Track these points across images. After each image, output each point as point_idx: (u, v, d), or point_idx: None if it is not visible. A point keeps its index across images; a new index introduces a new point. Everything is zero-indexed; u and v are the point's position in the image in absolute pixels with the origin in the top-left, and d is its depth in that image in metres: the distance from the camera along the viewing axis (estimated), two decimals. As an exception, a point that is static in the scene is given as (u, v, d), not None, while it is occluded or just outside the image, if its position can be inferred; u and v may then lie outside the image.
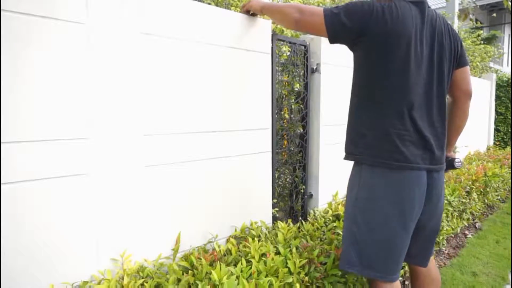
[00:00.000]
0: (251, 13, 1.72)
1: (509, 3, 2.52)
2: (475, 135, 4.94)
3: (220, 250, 1.54)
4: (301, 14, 1.25)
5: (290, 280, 1.33)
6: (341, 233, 1.80)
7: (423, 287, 1.42)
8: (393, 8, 1.13)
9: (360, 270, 1.23)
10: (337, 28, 1.17)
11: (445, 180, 2.95)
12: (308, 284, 1.41)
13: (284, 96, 2.22)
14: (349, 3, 1.18)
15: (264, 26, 1.85)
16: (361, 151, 1.22)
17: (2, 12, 1.05)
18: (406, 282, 2.06)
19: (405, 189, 1.17)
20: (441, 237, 2.50)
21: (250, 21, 1.77)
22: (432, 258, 1.42)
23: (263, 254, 1.47)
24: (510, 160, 4.30)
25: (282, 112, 2.17)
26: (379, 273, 1.20)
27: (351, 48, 1.27)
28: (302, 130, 2.28)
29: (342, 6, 1.18)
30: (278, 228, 1.78)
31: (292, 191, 2.29)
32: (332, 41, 1.22)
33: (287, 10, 1.30)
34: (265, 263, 1.39)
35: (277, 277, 1.34)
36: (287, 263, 1.42)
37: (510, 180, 4.00)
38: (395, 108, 1.15)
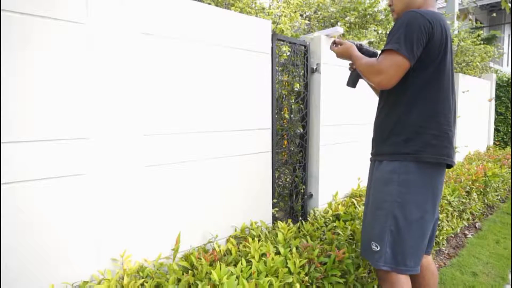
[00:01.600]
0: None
1: (508, 4, 2.52)
2: (475, 135, 4.94)
3: (220, 250, 1.54)
4: (381, 75, 1.21)
5: (290, 280, 1.33)
6: (341, 233, 1.80)
7: (423, 279, 1.44)
8: (437, 14, 1.23)
9: (394, 267, 1.24)
10: (413, 48, 1.17)
11: (445, 180, 2.96)
12: (308, 284, 1.41)
13: (284, 96, 2.22)
14: (404, 30, 1.18)
15: (264, 26, 1.85)
16: (418, 149, 1.23)
17: (2, 12, 1.05)
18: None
19: (440, 185, 1.27)
20: (441, 237, 2.50)
21: (250, 21, 1.77)
22: (430, 255, 1.46)
23: (263, 254, 1.47)
24: (510, 160, 4.30)
25: (282, 112, 2.17)
26: (409, 267, 1.24)
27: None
28: (302, 130, 2.28)
29: (393, 35, 1.20)
30: (278, 228, 1.78)
31: (292, 191, 2.29)
32: (413, 61, 1.20)
33: (366, 76, 1.29)
34: (265, 263, 1.39)
35: (277, 277, 1.34)
36: (287, 263, 1.42)
37: (510, 180, 3.99)
38: (447, 108, 1.25)
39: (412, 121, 1.25)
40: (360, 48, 1.47)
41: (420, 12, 1.18)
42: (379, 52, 1.45)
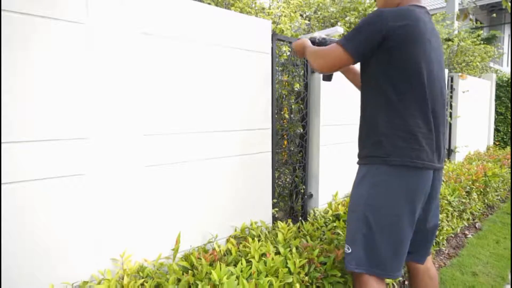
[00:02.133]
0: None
1: (509, 3, 2.52)
2: (475, 135, 4.94)
3: (220, 250, 1.54)
4: (319, 59, 1.35)
5: (290, 280, 1.33)
6: (341, 233, 1.80)
7: (422, 285, 1.43)
8: (407, 11, 1.17)
9: (367, 269, 1.22)
10: (360, 47, 1.21)
11: (445, 180, 2.96)
12: (308, 284, 1.41)
13: (284, 96, 2.23)
14: (360, 28, 1.22)
15: (264, 26, 1.85)
16: (387, 152, 1.22)
17: (2, 12, 1.05)
18: (406, 282, 2.06)
19: (419, 188, 1.20)
20: (441, 237, 2.50)
21: (250, 21, 1.77)
22: (430, 257, 1.44)
23: (263, 254, 1.47)
24: (510, 160, 4.30)
25: (282, 112, 2.17)
26: (385, 271, 1.22)
27: (371, 56, 1.28)
28: (302, 130, 2.28)
29: (356, 32, 1.23)
30: (278, 228, 1.78)
31: (292, 191, 2.29)
32: (358, 59, 1.27)
33: (311, 60, 1.40)
34: (265, 263, 1.39)
35: (277, 277, 1.34)
36: (287, 263, 1.42)
37: (510, 180, 3.99)
38: (418, 108, 1.19)
39: (380, 124, 1.24)
40: (324, 41, 1.56)
41: (385, 11, 1.17)
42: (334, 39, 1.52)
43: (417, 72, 1.17)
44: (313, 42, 1.57)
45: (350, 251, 1.27)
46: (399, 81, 1.19)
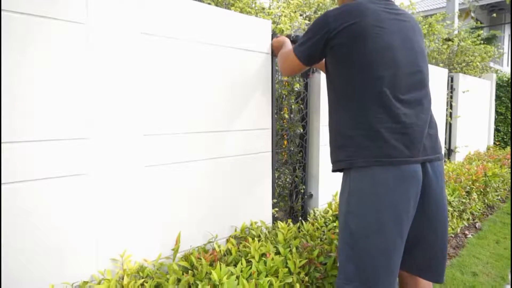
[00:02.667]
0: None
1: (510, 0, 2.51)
2: (475, 135, 4.94)
3: (220, 250, 1.54)
4: (280, 64, 1.44)
5: (290, 280, 1.33)
6: (341, 233, 1.80)
7: None
8: (352, 9, 1.13)
9: (358, 286, 1.10)
10: (307, 49, 1.24)
11: (445, 180, 2.96)
12: (308, 284, 1.41)
13: (284, 96, 2.22)
14: (308, 33, 1.24)
15: (264, 26, 1.85)
16: (350, 155, 1.15)
17: (2, 12, 1.05)
18: None
19: (396, 188, 1.08)
20: (441, 237, 2.49)
21: (250, 21, 1.77)
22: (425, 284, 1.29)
23: (263, 254, 1.47)
24: (510, 160, 4.30)
25: (282, 112, 2.17)
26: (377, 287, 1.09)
27: (321, 59, 1.29)
28: (302, 130, 2.28)
29: (304, 36, 1.25)
30: (278, 228, 1.78)
31: (292, 191, 2.29)
32: (308, 63, 1.30)
33: (278, 62, 1.50)
34: (265, 263, 1.39)
35: (277, 277, 1.34)
36: (287, 263, 1.42)
37: (510, 180, 3.99)
38: (378, 103, 1.10)
39: (343, 126, 1.19)
40: (298, 37, 1.61)
41: (329, 14, 1.15)
42: None
43: (370, 66, 1.10)
44: (293, 41, 1.62)
45: (338, 264, 1.18)
46: (352, 79, 1.15)
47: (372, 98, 1.10)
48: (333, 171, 1.31)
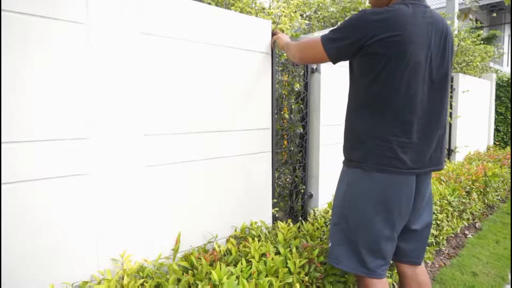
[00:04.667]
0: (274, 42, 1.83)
1: (510, 1, 2.51)
2: (475, 135, 4.94)
3: (220, 250, 1.54)
4: (300, 52, 1.38)
5: (290, 280, 1.33)
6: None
7: None
8: (393, 19, 1.09)
9: (349, 267, 1.26)
10: (337, 49, 1.20)
11: (445, 180, 2.96)
12: (308, 284, 1.41)
13: (284, 96, 2.22)
14: (344, 20, 1.19)
15: (264, 26, 1.85)
16: (359, 157, 1.23)
17: (2, 12, 1.05)
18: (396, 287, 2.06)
19: (392, 189, 1.19)
20: (441, 237, 2.50)
21: (250, 21, 1.77)
22: (422, 265, 1.41)
23: (263, 254, 1.47)
24: (510, 160, 4.30)
25: (282, 112, 2.17)
26: (367, 270, 1.24)
27: (352, 59, 1.26)
28: (302, 130, 2.28)
29: (337, 27, 1.21)
30: (278, 228, 1.78)
31: (292, 191, 2.29)
32: (335, 61, 1.26)
33: (290, 52, 1.46)
34: (265, 263, 1.39)
35: (277, 277, 1.34)
36: (287, 263, 1.42)
37: (510, 180, 3.99)
38: (398, 117, 1.15)
39: (358, 129, 1.24)
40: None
41: (370, 19, 1.10)
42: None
43: (400, 83, 1.12)
44: None
45: (330, 244, 1.33)
46: (378, 91, 1.15)
47: (392, 113, 1.15)
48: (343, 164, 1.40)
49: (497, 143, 6.07)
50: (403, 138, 1.15)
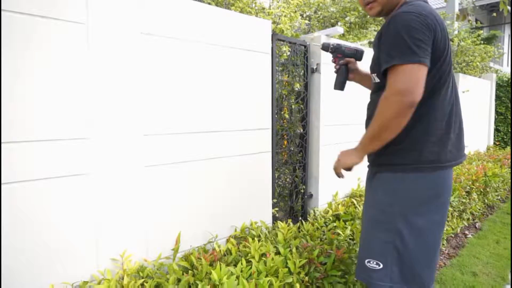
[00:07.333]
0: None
1: (507, 7, 2.52)
2: (475, 135, 4.94)
3: (220, 250, 1.54)
4: (406, 93, 1.00)
5: (290, 280, 1.33)
6: (341, 233, 1.80)
7: None
8: (433, 14, 1.07)
9: (402, 286, 1.13)
10: (428, 54, 1.04)
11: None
12: (308, 284, 1.41)
13: (284, 96, 2.22)
14: (408, 29, 1.02)
15: (264, 26, 1.85)
16: (415, 159, 1.13)
17: (2, 12, 1.05)
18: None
19: (445, 188, 1.17)
20: (441, 237, 2.49)
21: (250, 21, 1.77)
22: None
23: (263, 254, 1.47)
24: (510, 160, 4.30)
25: (282, 112, 2.17)
26: (422, 285, 1.14)
27: None
28: (302, 130, 2.28)
29: (401, 42, 1.03)
30: (278, 228, 1.78)
31: (292, 191, 2.29)
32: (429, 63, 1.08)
33: (375, 135, 1.09)
34: (265, 263, 1.39)
35: (277, 277, 1.34)
36: (287, 263, 1.42)
37: (510, 180, 3.99)
38: (441, 111, 1.14)
39: (410, 129, 1.11)
40: (338, 48, 1.44)
41: (414, 12, 1.03)
42: (359, 48, 1.42)
43: (446, 73, 1.12)
44: (326, 48, 1.46)
45: (381, 266, 1.14)
46: (433, 84, 1.11)
47: (442, 109, 1.14)
48: (381, 170, 1.22)
49: (497, 143, 6.07)
50: (445, 136, 1.15)
